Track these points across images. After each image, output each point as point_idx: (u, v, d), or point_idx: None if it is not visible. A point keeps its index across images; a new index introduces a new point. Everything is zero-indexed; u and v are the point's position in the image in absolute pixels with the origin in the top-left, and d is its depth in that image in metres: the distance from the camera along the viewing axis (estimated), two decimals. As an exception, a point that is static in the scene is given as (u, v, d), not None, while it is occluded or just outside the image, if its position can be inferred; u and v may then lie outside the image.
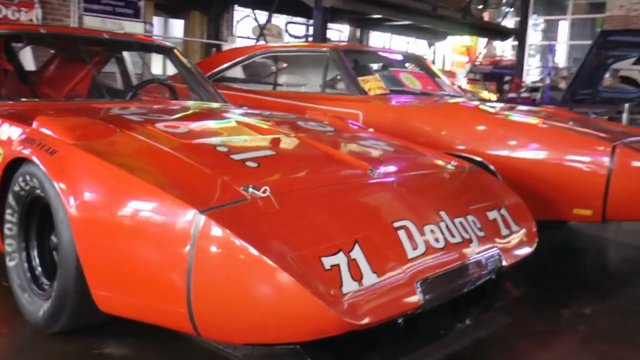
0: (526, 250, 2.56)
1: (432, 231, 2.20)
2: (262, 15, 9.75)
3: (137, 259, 1.96)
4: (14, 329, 2.40)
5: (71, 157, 2.20)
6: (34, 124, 2.45)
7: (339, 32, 14.28)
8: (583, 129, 3.52)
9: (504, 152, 3.48)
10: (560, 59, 18.52)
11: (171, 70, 9.75)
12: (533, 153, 3.41)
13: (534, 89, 9.40)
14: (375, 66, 5.64)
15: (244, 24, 10.92)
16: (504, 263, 2.39)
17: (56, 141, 2.28)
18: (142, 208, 1.94)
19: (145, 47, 4.13)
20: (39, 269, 2.49)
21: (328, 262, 1.81)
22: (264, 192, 1.97)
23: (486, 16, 13.57)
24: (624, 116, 5.61)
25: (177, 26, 9.91)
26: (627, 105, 5.68)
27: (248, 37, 10.63)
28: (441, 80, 5.25)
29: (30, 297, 2.44)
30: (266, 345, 1.87)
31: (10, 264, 2.52)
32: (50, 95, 3.99)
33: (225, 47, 8.71)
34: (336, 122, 3.39)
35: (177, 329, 1.97)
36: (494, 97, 11.62)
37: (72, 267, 2.16)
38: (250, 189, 1.98)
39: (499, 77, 14.73)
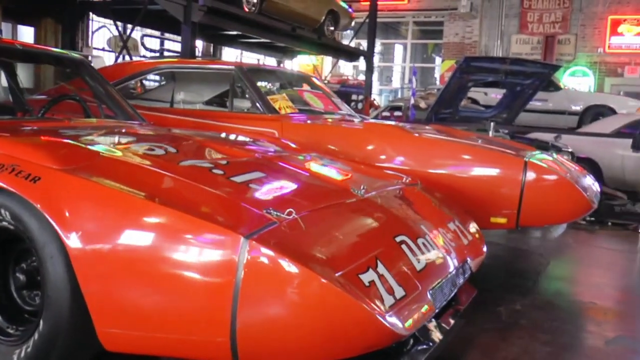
0: (482, 255, 2.84)
1: (424, 244, 2.36)
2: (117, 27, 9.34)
3: (163, 292, 1.85)
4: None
5: (62, 185, 2.01)
6: (-5, 148, 2.19)
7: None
8: (493, 146, 3.95)
9: (426, 168, 3.75)
10: (396, 80, 20.02)
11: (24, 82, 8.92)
12: (453, 168, 3.73)
13: (393, 108, 10.11)
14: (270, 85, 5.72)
15: (99, 35, 10.36)
16: (473, 269, 2.65)
17: (36, 167, 2.06)
18: (170, 237, 1.85)
19: (57, 59, 3.81)
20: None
21: (365, 278, 1.89)
22: (289, 214, 1.99)
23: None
24: (490, 133, 6.29)
25: (27, 34, 9.09)
26: (492, 124, 6.39)
27: (103, 49, 10.11)
28: (337, 99, 5.49)
29: (-11, 345, 2.17)
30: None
31: (-42, 309, 2.22)
32: None
33: (95, 62, 8.19)
34: (277, 143, 3.44)
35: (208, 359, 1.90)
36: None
37: (65, 305, 1.97)
38: (273, 212, 1.98)
39: (346, 95, 15.48)
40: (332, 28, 12.43)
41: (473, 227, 2.99)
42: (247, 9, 9.11)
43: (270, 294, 1.76)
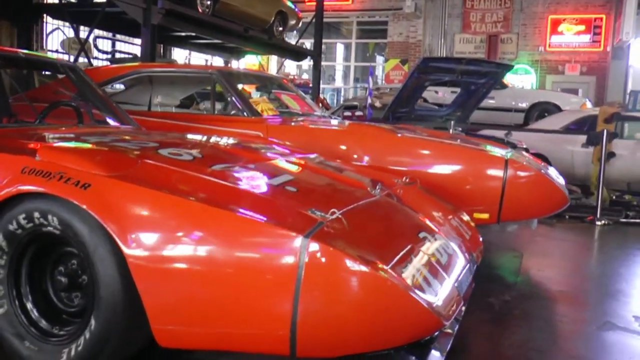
0: (481, 246, 3.05)
1: (440, 239, 2.55)
2: (69, 29, 9.17)
3: (223, 290, 1.96)
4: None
5: (113, 190, 2.08)
6: (39, 156, 2.23)
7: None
8: (471, 144, 4.20)
9: (411, 167, 3.95)
10: (339, 79, 20.30)
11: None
12: (437, 166, 3.97)
13: (349, 107, 10.33)
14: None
15: (53, 37, 10.11)
16: (477, 260, 2.86)
17: (85, 174, 2.12)
18: (230, 238, 1.95)
19: (52, 65, 3.80)
20: (43, 321, 2.27)
21: (408, 272, 2.05)
22: (332, 214, 2.13)
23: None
24: (451, 131, 6.60)
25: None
26: (452, 122, 6.72)
27: (57, 51, 9.87)
28: (309, 101, 5.65)
29: (35, 345, 2.22)
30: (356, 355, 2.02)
31: (-1, 311, 2.25)
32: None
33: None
34: (270, 144, 3.57)
35: (265, 351, 2.01)
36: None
37: (118, 304, 2.05)
38: (317, 212, 2.12)
39: (294, 94, 15.54)
40: (280, 28, 12.55)
41: (467, 220, 3.21)
42: (201, 10, 9.12)
43: (329, 289, 1.90)
